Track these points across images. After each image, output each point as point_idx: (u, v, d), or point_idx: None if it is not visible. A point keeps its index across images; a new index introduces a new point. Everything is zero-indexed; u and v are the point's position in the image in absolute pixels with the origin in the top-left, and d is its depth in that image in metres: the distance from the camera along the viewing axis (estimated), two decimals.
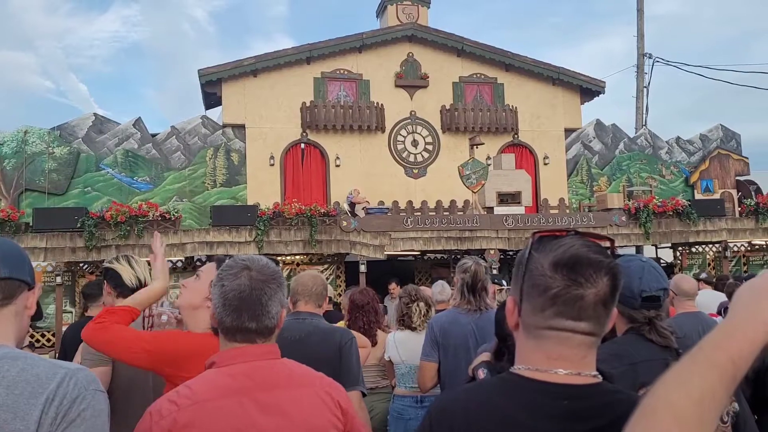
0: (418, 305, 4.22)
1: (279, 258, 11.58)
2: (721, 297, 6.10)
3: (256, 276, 1.59)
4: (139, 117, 14.20)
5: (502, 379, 1.20)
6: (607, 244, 1.20)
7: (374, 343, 4.37)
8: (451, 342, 3.42)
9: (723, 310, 4.97)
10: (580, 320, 1.11)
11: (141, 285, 2.80)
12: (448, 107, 15.43)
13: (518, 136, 15.81)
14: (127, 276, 2.80)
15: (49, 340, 10.55)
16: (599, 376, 1.14)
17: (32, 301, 1.40)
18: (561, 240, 1.16)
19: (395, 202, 13.54)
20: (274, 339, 1.63)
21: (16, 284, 1.35)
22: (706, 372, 0.84)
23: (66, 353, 3.75)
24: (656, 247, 13.42)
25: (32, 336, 10.43)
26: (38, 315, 1.50)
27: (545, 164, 15.82)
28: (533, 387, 1.12)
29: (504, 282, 7.59)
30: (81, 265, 10.89)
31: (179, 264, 11.26)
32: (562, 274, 1.11)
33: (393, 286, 9.93)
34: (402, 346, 4.05)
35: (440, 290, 5.05)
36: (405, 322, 4.20)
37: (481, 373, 2.20)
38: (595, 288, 1.10)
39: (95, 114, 14.18)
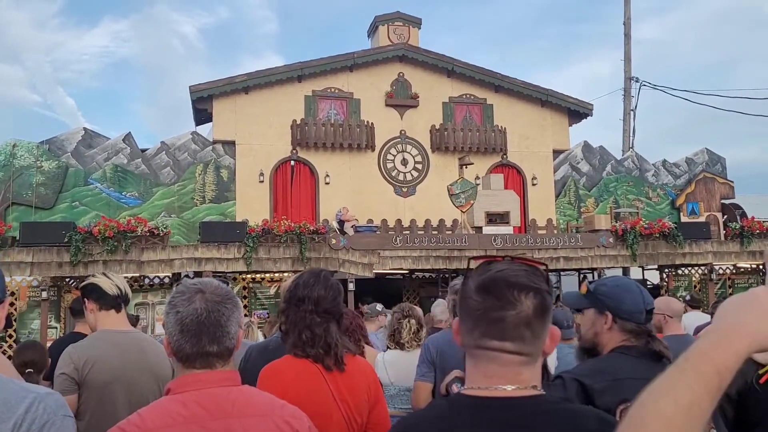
0: (409, 321, 4.20)
1: (267, 275, 11.55)
2: (705, 319, 6.12)
3: (211, 298, 1.55)
4: (129, 132, 14.20)
5: (450, 399, 1.26)
6: (541, 268, 1.25)
7: None
8: (447, 364, 3.39)
9: None
10: (504, 340, 1.15)
11: (122, 294, 2.76)
12: (437, 127, 15.54)
13: (507, 157, 15.94)
14: (107, 286, 2.74)
15: None
16: (539, 389, 1.18)
17: (2, 315, 1.33)
18: (493, 264, 1.22)
19: (384, 221, 13.57)
20: (232, 363, 1.59)
21: None
22: (693, 382, 0.85)
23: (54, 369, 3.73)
24: (643, 269, 13.51)
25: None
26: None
27: (533, 185, 15.94)
28: (474, 403, 1.17)
29: None
30: (67, 280, 10.78)
31: (166, 280, 11.19)
32: (483, 296, 1.17)
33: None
34: (391, 367, 4.02)
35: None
36: (395, 337, 4.19)
37: (455, 388, 2.22)
38: (515, 310, 1.15)
39: (85, 128, 14.14)
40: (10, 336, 10.25)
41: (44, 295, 10.29)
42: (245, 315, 10.33)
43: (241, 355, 4.29)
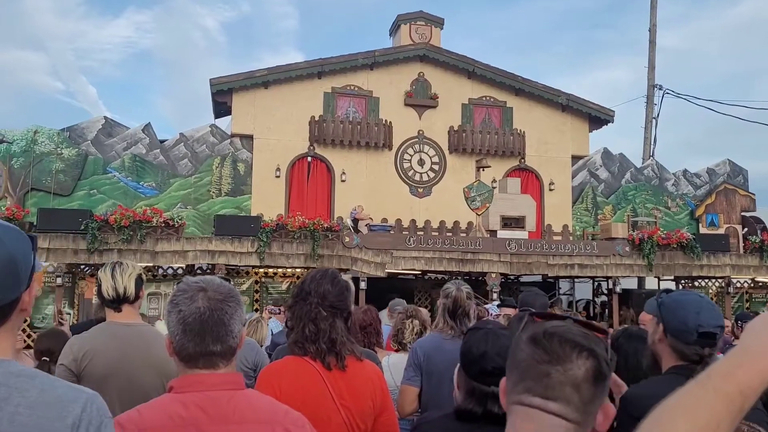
0: (412, 322, 4.19)
1: (280, 270, 11.57)
2: None
3: (213, 296, 1.52)
4: (149, 122, 14.31)
5: None
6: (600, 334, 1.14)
7: None
8: (434, 368, 3.35)
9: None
10: (548, 399, 1.04)
11: (118, 297, 2.70)
12: (456, 128, 15.47)
13: (525, 161, 15.84)
14: (105, 287, 2.70)
15: None
16: None
17: (28, 301, 1.27)
18: (552, 321, 1.13)
19: (398, 221, 13.54)
20: (234, 364, 1.56)
21: (7, 307, 1.22)
22: (713, 401, 0.82)
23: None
24: (659, 280, 13.35)
25: (29, 336, 10.40)
26: None
27: (551, 190, 15.82)
28: None
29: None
30: (82, 267, 10.88)
31: (180, 271, 11.25)
32: (533, 347, 1.08)
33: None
34: (396, 369, 3.98)
35: None
36: (398, 337, 4.18)
37: None
38: (563, 366, 1.04)
39: (105, 117, 14.28)
40: (24, 320, 10.36)
41: (59, 281, 10.38)
42: (255, 310, 10.37)
43: (244, 354, 4.26)
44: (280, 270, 11.55)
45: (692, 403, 0.83)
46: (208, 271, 10.95)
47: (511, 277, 13.23)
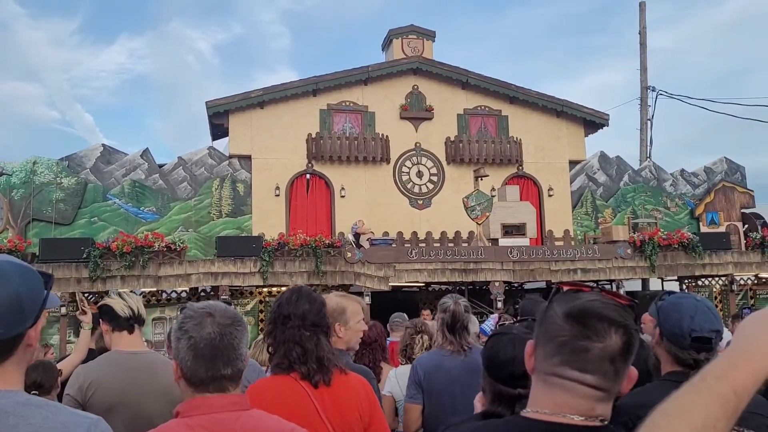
0: (422, 338, 4.19)
1: (283, 288, 11.56)
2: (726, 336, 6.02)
3: (222, 321, 1.55)
4: (147, 148, 14.35)
5: (508, 420, 1.22)
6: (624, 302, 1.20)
7: (379, 380, 4.31)
8: (434, 386, 3.35)
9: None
10: (586, 372, 1.11)
11: (134, 315, 2.75)
12: (452, 139, 15.53)
13: (522, 168, 15.87)
14: (120, 307, 2.74)
15: None
16: (606, 422, 1.14)
17: (34, 336, 1.33)
18: (581, 293, 1.19)
19: (400, 233, 13.56)
20: (240, 385, 1.59)
21: (10, 341, 1.27)
22: (708, 402, 0.83)
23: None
24: (662, 280, 13.34)
25: None
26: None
27: (550, 196, 15.84)
28: (538, 426, 1.13)
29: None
30: (86, 295, 10.88)
31: (183, 295, 11.26)
32: (571, 324, 1.14)
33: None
34: (403, 380, 4.00)
35: None
36: (407, 353, 4.17)
37: None
38: (602, 343, 1.11)
39: (103, 145, 14.33)
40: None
41: (63, 310, 10.40)
42: (260, 330, 10.35)
43: (246, 374, 4.28)
44: (283, 288, 11.55)
45: (688, 405, 0.84)
46: (212, 293, 10.96)
47: (515, 285, 13.22)
